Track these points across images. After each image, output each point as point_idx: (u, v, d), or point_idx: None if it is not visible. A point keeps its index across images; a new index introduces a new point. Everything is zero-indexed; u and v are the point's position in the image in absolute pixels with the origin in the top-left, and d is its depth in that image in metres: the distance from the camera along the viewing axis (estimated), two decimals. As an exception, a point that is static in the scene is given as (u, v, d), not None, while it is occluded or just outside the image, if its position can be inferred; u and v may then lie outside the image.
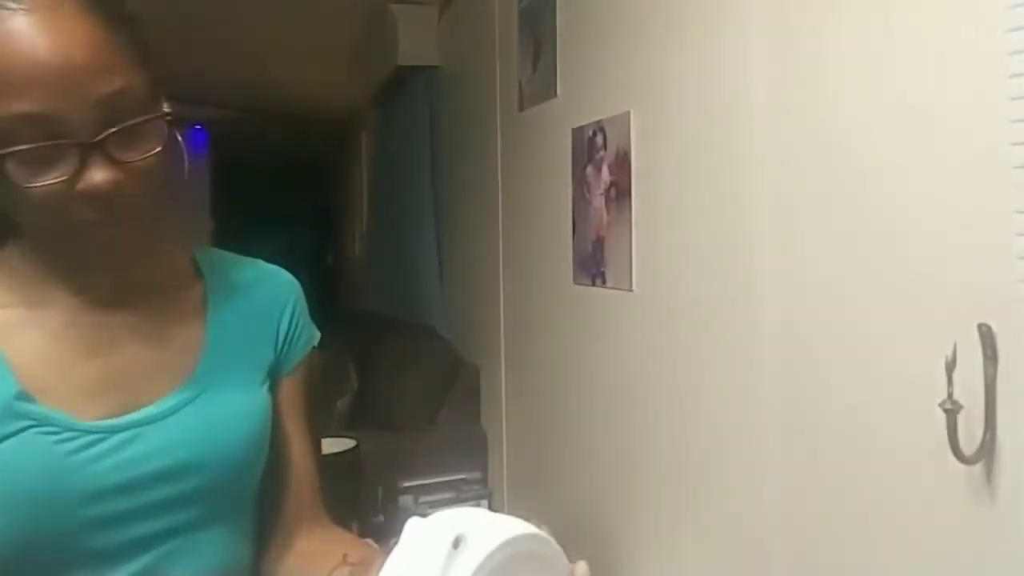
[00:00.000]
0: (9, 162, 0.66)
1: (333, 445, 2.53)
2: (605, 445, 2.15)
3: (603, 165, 2.07)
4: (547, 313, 2.51)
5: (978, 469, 1.07)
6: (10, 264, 0.78)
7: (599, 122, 2.08)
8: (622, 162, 1.97)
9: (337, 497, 1.00)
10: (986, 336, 1.03)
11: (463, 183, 3.39)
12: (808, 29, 1.36)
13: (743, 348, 1.56)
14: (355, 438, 2.69)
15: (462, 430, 3.17)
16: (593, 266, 2.15)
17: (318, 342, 0.96)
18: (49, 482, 0.72)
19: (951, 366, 1.05)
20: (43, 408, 0.73)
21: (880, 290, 1.23)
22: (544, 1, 2.42)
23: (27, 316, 0.76)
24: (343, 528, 0.97)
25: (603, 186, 2.08)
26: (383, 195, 4.68)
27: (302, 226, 9.06)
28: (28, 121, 0.65)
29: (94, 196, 0.68)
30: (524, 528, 0.63)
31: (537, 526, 0.66)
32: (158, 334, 0.81)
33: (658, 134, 1.84)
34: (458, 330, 3.49)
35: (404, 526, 0.62)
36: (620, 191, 1.99)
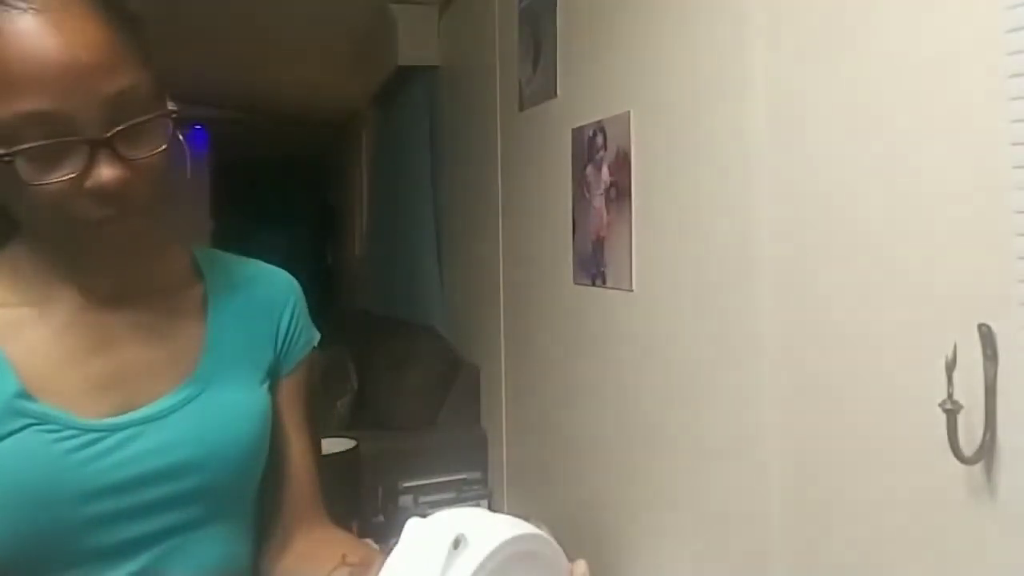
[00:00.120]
0: (18, 160, 0.66)
1: (333, 445, 2.53)
2: (605, 445, 2.15)
3: (603, 165, 2.07)
4: (547, 313, 2.51)
5: (978, 469, 1.07)
6: (13, 263, 0.78)
7: (599, 122, 2.08)
8: (622, 162, 1.97)
9: (337, 497, 1.00)
10: (986, 336, 1.03)
11: (463, 183, 3.39)
12: (808, 28, 1.36)
13: (743, 348, 1.56)
14: (355, 438, 2.69)
15: (462, 430, 3.17)
16: (593, 266, 2.15)
17: (318, 342, 0.97)
18: (49, 480, 0.72)
19: (951, 366, 1.05)
20: (43, 406, 0.73)
21: (880, 290, 1.23)
22: (544, 1, 2.42)
23: (29, 315, 0.77)
24: (343, 528, 0.97)
25: (603, 186, 2.08)
26: (383, 195, 4.67)
27: (302, 226, 9.06)
28: (37, 119, 0.65)
29: (102, 193, 0.68)
30: (524, 528, 0.63)
31: (537, 526, 0.66)
32: (158, 333, 0.81)
33: (658, 134, 1.84)
34: (458, 330, 3.49)
35: (404, 526, 0.62)
36: (620, 191, 1.99)
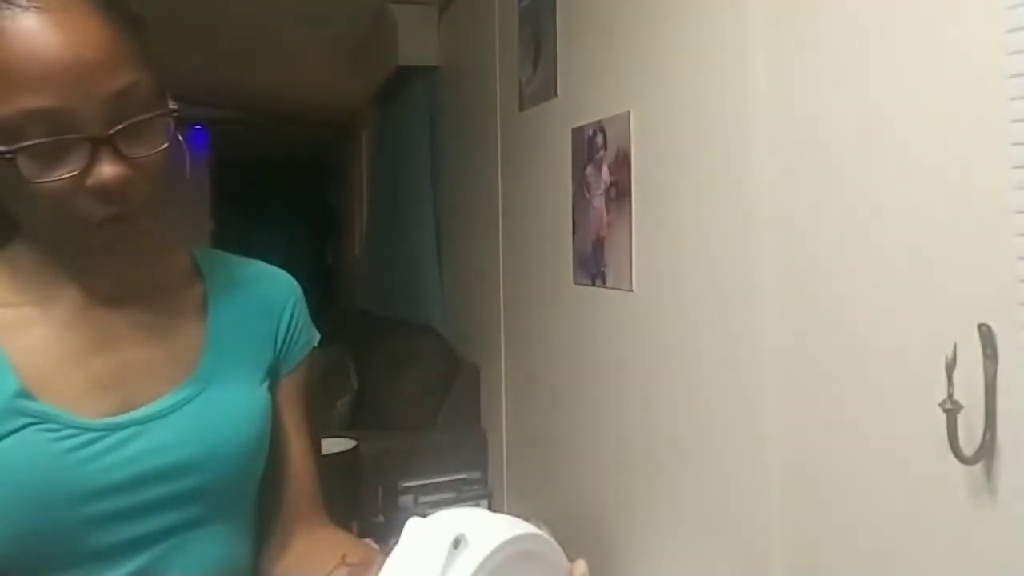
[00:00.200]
0: (20, 157, 0.66)
1: (333, 445, 2.53)
2: (605, 445, 2.15)
3: (603, 165, 2.07)
4: (547, 313, 2.51)
5: (978, 469, 1.07)
6: (14, 262, 0.79)
7: (599, 122, 2.08)
8: (622, 162, 1.97)
9: (337, 497, 1.01)
10: (986, 336, 1.03)
11: (463, 183, 3.39)
12: (807, 28, 1.36)
13: (743, 348, 1.56)
14: (355, 438, 2.68)
15: (462, 430, 3.17)
16: (593, 266, 2.15)
17: (318, 342, 0.97)
18: (48, 480, 0.72)
19: (951, 366, 1.05)
20: (43, 405, 0.73)
21: (880, 290, 1.23)
22: (544, 1, 2.41)
23: (29, 314, 0.77)
24: (343, 528, 0.97)
25: (603, 186, 2.08)
26: (383, 195, 4.67)
27: (302, 226, 9.05)
28: (39, 117, 0.66)
29: (103, 191, 0.69)
30: (524, 528, 0.63)
31: (537, 526, 0.66)
32: (159, 333, 0.82)
33: (658, 134, 1.84)
34: (458, 330, 3.49)
35: (404, 526, 0.62)
36: (620, 191, 1.99)
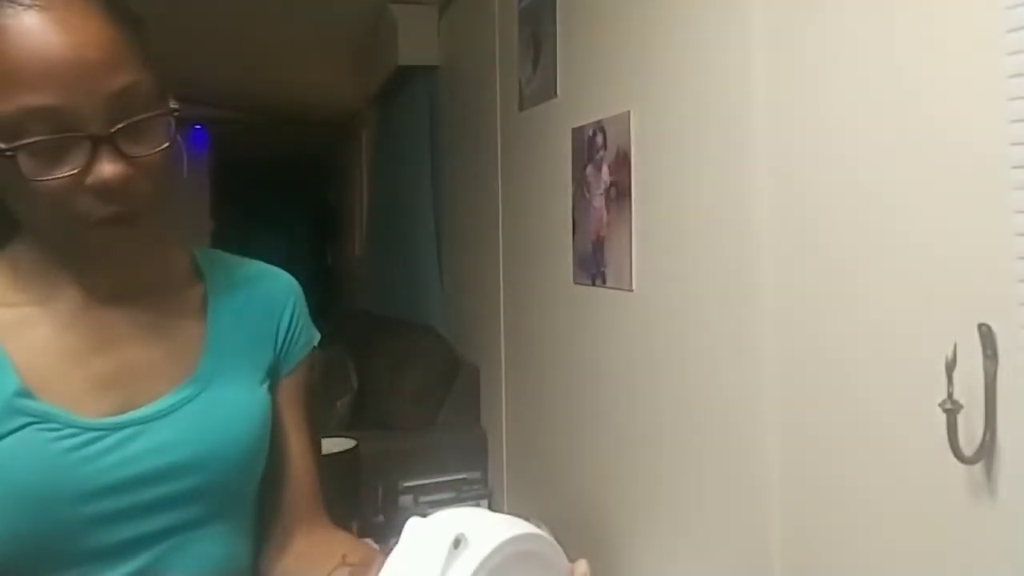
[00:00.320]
0: (20, 155, 0.66)
1: (333, 445, 2.53)
2: (605, 445, 2.16)
3: (603, 165, 2.07)
4: (547, 313, 2.51)
5: (978, 469, 1.07)
6: (14, 262, 0.79)
7: (599, 122, 2.08)
8: (622, 162, 1.97)
9: (337, 497, 1.00)
10: (986, 336, 1.03)
11: (463, 183, 3.39)
12: (808, 29, 1.36)
13: (743, 348, 1.56)
14: (355, 438, 2.68)
15: (462, 430, 3.17)
16: (593, 266, 2.15)
17: (318, 342, 0.97)
18: (48, 479, 0.72)
19: (951, 366, 1.05)
20: (44, 405, 0.73)
21: (880, 290, 1.23)
22: (544, 1, 2.42)
23: (30, 313, 0.77)
24: (343, 528, 0.97)
25: (603, 186, 2.08)
26: (383, 195, 4.67)
27: (302, 226, 9.06)
28: (40, 115, 0.66)
29: (103, 190, 0.69)
30: (524, 528, 0.63)
31: (537, 526, 0.66)
32: (159, 333, 0.82)
33: (658, 134, 1.84)
34: (458, 330, 3.49)
35: (404, 526, 0.62)
36: (620, 191, 1.99)
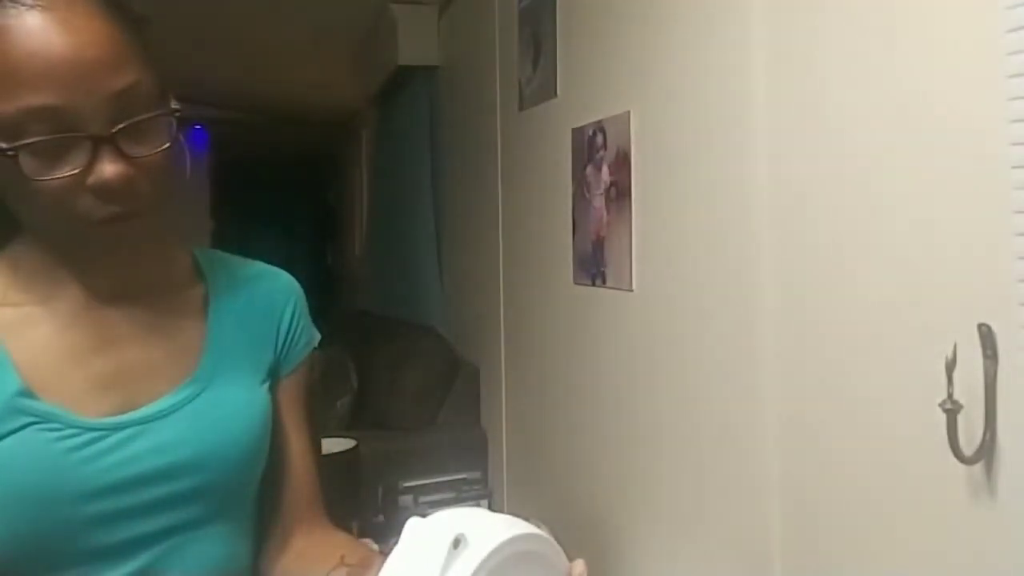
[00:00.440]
0: (22, 155, 0.66)
1: (333, 445, 2.53)
2: (605, 445, 2.16)
3: (603, 165, 2.07)
4: (547, 313, 2.51)
5: (978, 469, 1.07)
6: (15, 262, 0.79)
7: (599, 122, 2.08)
8: (622, 162, 1.97)
9: (337, 497, 1.00)
10: (986, 336, 1.03)
11: (463, 183, 3.39)
12: (808, 29, 1.36)
13: (743, 348, 1.56)
14: (355, 438, 2.68)
15: (462, 430, 3.17)
16: (593, 266, 2.15)
17: (318, 342, 0.97)
18: (49, 479, 0.72)
19: (951, 366, 1.05)
20: (44, 405, 0.73)
21: (880, 290, 1.23)
22: (544, 1, 2.42)
23: (31, 313, 0.77)
24: (343, 528, 0.97)
25: (603, 186, 2.08)
26: (383, 195, 4.67)
27: (302, 226, 9.06)
28: (42, 114, 0.66)
29: (104, 190, 0.69)
30: (524, 528, 0.63)
31: (537, 526, 0.66)
32: (159, 333, 0.82)
33: (658, 134, 1.84)
34: (458, 330, 3.49)
35: (404, 526, 0.62)
36: (620, 191, 1.99)
